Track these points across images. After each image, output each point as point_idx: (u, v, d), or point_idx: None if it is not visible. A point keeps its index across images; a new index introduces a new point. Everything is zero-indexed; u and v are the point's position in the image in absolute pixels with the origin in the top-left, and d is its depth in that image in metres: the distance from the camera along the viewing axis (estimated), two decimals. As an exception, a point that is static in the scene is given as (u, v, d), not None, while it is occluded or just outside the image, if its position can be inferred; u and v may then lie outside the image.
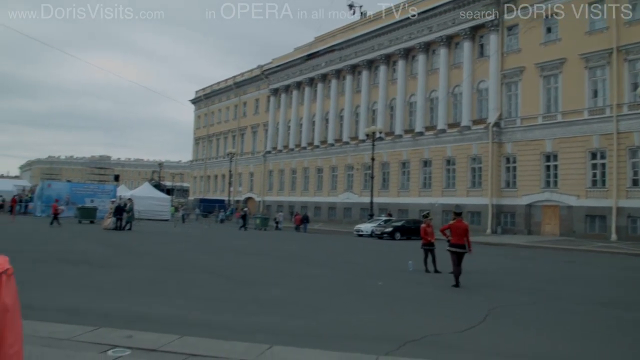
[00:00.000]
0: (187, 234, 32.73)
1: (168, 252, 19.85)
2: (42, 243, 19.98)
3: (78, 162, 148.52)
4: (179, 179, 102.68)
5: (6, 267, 1.69)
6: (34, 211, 46.05)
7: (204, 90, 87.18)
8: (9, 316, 1.69)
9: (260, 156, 70.54)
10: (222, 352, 5.83)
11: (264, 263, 17.84)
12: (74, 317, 7.40)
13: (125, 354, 5.60)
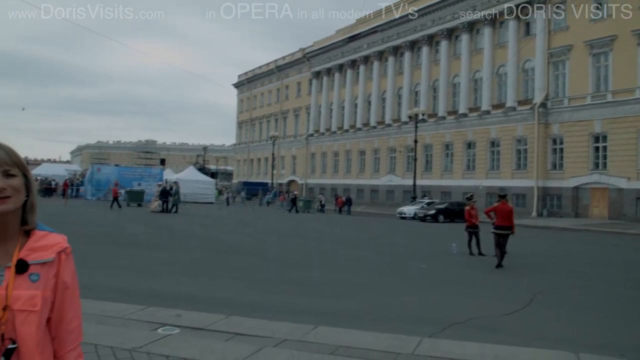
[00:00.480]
0: (231, 216, 33.22)
1: (213, 234, 20.23)
2: (93, 225, 20.61)
3: (125, 146, 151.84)
4: (222, 163, 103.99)
5: (65, 245, 1.80)
6: (85, 194, 47.44)
7: (246, 74, 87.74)
8: (69, 293, 1.81)
9: (302, 139, 70.78)
10: (268, 332, 5.97)
11: (308, 245, 18.02)
12: (124, 297, 7.68)
13: (174, 332, 5.79)
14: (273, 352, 5.27)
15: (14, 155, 1.71)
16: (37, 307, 1.68)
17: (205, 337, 5.72)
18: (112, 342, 5.20)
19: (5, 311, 1.62)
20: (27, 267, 1.68)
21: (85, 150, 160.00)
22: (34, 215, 1.76)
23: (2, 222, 1.69)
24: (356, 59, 61.07)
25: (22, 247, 1.71)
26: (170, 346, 5.29)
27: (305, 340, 5.74)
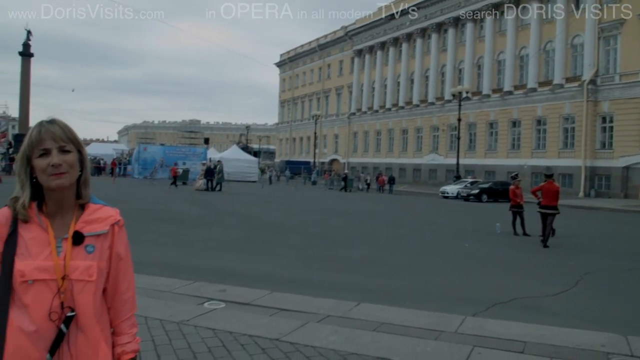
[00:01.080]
0: (274, 195, 33.50)
1: (256, 212, 20.46)
2: (140, 202, 21.07)
3: (170, 126, 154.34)
4: (265, 142, 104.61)
5: (118, 218, 1.87)
6: (132, 173, 48.54)
7: (288, 53, 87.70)
8: (122, 264, 1.88)
9: (344, 118, 70.58)
10: (311, 308, 6.05)
11: (350, 223, 18.05)
12: (171, 271, 7.88)
13: (220, 307, 5.92)
14: (317, 327, 5.34)
15: (69, 132, 1.77)
16: (93, 277, 1.75)
17: (250, 312, 5.84)
18: (161, 315, 5.36)
19: (64, 280, 1.70)
20: (82, 239, 1.75)
21: (131, 130, 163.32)
22: (87, 189, 1.82)
23: (59, 196, 1.75)
24: (399, 36, 60.26)
25: (77, 220, 1.78)
26: (216, 320, 5.42)
27: (348, 316, 5.79)
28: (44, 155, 1.71)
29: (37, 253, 1.70)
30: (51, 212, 1.77)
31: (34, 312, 1.68)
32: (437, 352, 4.72)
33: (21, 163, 1.76)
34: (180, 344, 4.74)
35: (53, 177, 1.70)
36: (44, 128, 1.74)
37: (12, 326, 1.68)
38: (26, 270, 1.68)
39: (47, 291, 1.69)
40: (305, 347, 4.74)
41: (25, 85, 51.98)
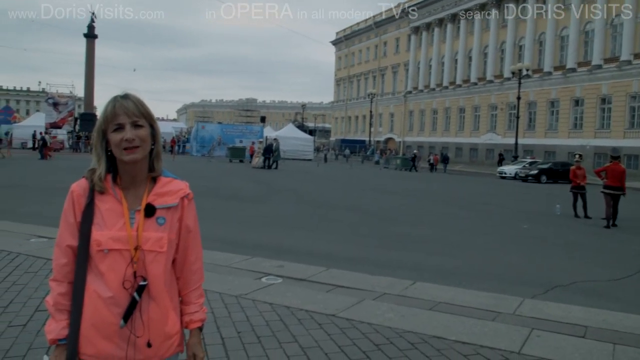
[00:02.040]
0: (329, 173, 33.61)
1: (312, 189, 20.59)
2: (199, 179, 21.50)
3: (227, 105, 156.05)
4: (320, 120, 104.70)
5: (187, 191, 1.93)
6: (191, 151, 49.61)
7: (344, 31, 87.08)
8: (191, 236, 1.94)
9: (400, 96, 69.80)
10: (367, 285, 6.08)
11: (405, 202, 17.96)
12: (229, 246, 8.04)
13: (277, 282, 6.03)
14: (373, 304, 5.36)
15: (141, 107, 1.82)
16: (164, 248, 1.81)
17: (307, 288, 5.91)
18: (220, 289, 5.49)
19: (136, 251, 1.77)
20: (154, 211, 1.81)
21: (190, 109, 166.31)
22: (159, 163, 1.88)
23: (132, 170, 1.82)
24: (457, 12, 58.83)
25: (149, 193, 1.84)
26: (274, 295, 5.52)
27: (405, 294, 5.79)
28: (118, 130, 1.77)
29: (112, 224, 1.78)
30: (125, 185, 1.83)
31: (109, 280, 1.75)
32: (494, 333, 4.67)
33: (97, 137, 1.82)
34: (238, 316, 4.86)
35: (126, 152, 1.76)
36: (118, 103, 1.79)
37: (90, 291, 1.77)
38: (102, 239, 1.76)
39: (121, 260, 1.76)
40: (361, 323, 4.78)
41: (89, 65, 53.62)
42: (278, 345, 4.23)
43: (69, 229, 1.83)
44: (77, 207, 1.82)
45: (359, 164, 52.03)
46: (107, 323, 1.75)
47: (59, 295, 1.81)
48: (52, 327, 1.80)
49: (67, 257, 1.82)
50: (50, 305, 1.82)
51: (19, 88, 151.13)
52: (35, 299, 5.18)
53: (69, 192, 1.84)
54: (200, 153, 46.87)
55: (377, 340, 4.40)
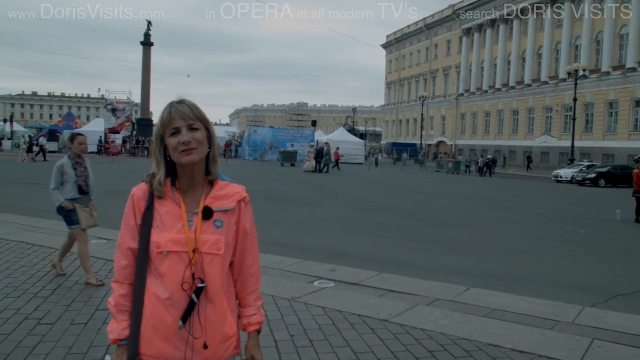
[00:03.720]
0: (380, 176, 33.46)
1: (363, 193, 20.54)
2: (251, 182, 21.72)
3: (279, 109, 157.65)
4: (371, 124, 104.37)
5: (244, 195, 1.94)
6: (243, 155, 50.31)
7: (395, 34, 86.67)
8: (249, 239, 1.96)
9: (452, 99, 68.91)
10: (420, 290, 6.01)
11: (455, 206, 17.70)
12: (282, 249, 8.10)
13: (330, 286, 6.02)
14: (426, 310, 5.29)
15: (197, 111, 1.85)
16: (221, 251, 1.83)
17: (359, 292, 5.89)
18: (273, 292, 5.53)
19: (195, 253, 1.79)
20: (212, 214, 1.84)
21: (242, 114, 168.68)
22: (216, 166, 1.90)
23: (190, 173, 1.84)
24: (510, 13, 57.63)
25: (207, 196, 1.86)
26: (326, 299, 5.52)
27: (458, 301, 5.69)
28: (175, 134, 1.80)
29: (171, 226, 1.81)
30: (183, 188, 1.86)
31: (168, 282, 1.78)
32: (553, 342, 4.53)
33: (156, 142, 1.86)
34: (291, 320, 4.88)
35: (184, 154, 1.79)
36: (174, 108, 1.83)
37: (150, 293, 1.81)
38: (161, 242, 1.79)
39: (180, 263, 1.79)
40: (414, 329, 4.72)
41: (146, 72, 55.09)
42: (331, 350, 4.22)
43: (129, 232, 1.87)
44: (138, 211, 1.86)
45: (410, 168, 51.56)
46: (166, 324, 1.78)
47: (120, 296, 1.85)
48: (114, 328, 1.84)
49: (128, 259, 1.86)
50: (112, 306, 1.86)
51: (80, 95, 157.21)
52: (95, 299, 5.34)
53: (130, 196, 1.89)
54: (252, 157, 47.48)
55: (430, 347, 4.34)
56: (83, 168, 6.14)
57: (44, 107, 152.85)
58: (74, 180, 6.04)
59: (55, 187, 6.05)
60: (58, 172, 6.03)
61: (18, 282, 5.88)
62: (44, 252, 7.36)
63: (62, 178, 6.03)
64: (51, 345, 4.18)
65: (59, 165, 6.05)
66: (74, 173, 6.05)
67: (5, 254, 7.23)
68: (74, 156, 6.14)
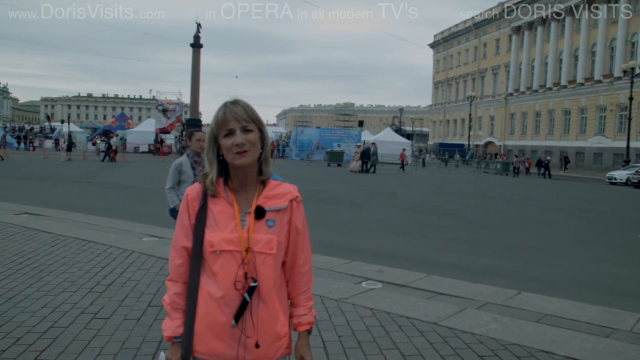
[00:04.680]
0: (427, 177, 33.15)
1: (409, 194, 20.39)
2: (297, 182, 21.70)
3: (325, 109, 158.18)
4: (418, 124, 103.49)
5: (296, 194, 1.95)
6: (290, 155, 50.66)
7: (442, 33, 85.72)
8: (300, 238, 1.96)
9: (501, 99, 67.66)
10: (468, 293, 5.90)
11: (502, 207, 17.36)
12: (328, 250, 8.07)
13: (377, 287, 5.98)
14: (476, 314, 5.20)
15: (250, 112, 1.86)
16: (273, 250, 1.83)
17: (407, 294, 5.83)
18: (321, 292, 5.53)
19: (247, 252, 1.80)
20: (264, 214, 1.85)
21: (289, 114, 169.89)
22: (268, 166, 1.92)
23: (243, 173, 1.86)
24: (561, 10, 56.13)
25: (259, 195, 1.88)
26: (374, 300, 5.49)
27: (509, 305, 5.56)
28: (228, 135, 1.82)
29: (224, 226, 1.83)
30: (236, 188, 1.88)
31: (221, 280, 1.80)
32: (610, 351, 4.37)
33: (209, 142, 1.88)
34: (339, 320, 4.87)
35: (237, 156, 1.81)
36: (228, 109, 1.84)
37: (203, 291, 1.84)
38: (215, 241, 1.81)
39: (233, 262, 1.80)
40: (463, 333, 4.65)
41: (195, 73, 56.04)
42: (379, 352, 4.19)
43: (183, 231, 1.90)
44: (192, 210, 1.88)
45: (458, 168, 50.88)
46: (218, 323, 1.80)
47: (175, 294, 1.88)
48: (168, 325, 1.87)
49: (182, 258, 1.89)
50: (166, 304, 1.89)
51: (132, 96, 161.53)
52: (147, 295, 5.45)
53: (184, 195, 1.92)
54: (299, 157, 47.77)
55: (480, 352, 4.26)
56: (202, 167, 5.52)
57: (98, 108, 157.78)
58: (191, 180, 5.54)
59: (171, 187, 5.71)
60: (175, 170, 5.69)
61: (74, 277, 6.06)
62: (98, 248, 7.56)
63: (179, 177, 5.67)
64: (105, 339, 4.29)
65: (176, 164, 5.70)
66: (192, 172, 5.64)
67: (62, 249, 7.47)
68: (192, 154, 5.73)
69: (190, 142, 5.76)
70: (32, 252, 7.25)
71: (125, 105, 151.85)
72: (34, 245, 7.72)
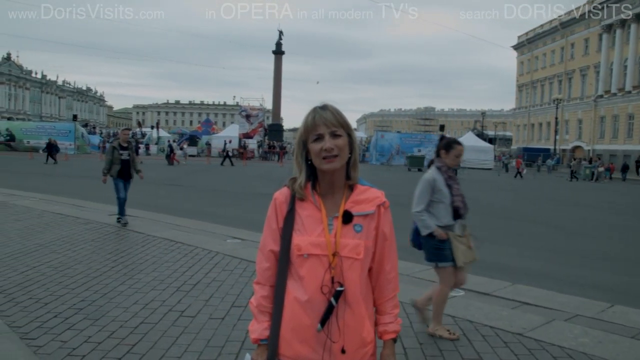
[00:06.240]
0: (511, 182, 32.19)
1: (492, 200, 19.84)
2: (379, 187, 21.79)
3: (405, 114, 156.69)
4: (501, 128, 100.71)
5: (384, 199, 1.94)
6: (370, 159, 50.62)
7: (526, 34, 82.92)
8: (387, 244, 1.94)
9: (590, 101, 64.61)
10: (556, 304, 5.67)
11: (592, 215, 16.59)
12: (408, 255, 7.90)
13: (460, 294, 5.85)
14: (564, 326, 4.98)
15: (339, 117, 1.87)
16: (360, 255, 1.83)
17: (491, 303, 5.68)
18: (402, 298, 5.34)
19: (334, 257, 1.81)
20: (351, 218, 1.85)
21: (369, 119, 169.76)
22: (356, 171, 1.92)
23: (331, 178, 1.87)
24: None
25: (347, 200, 1.88)
26: (456, 307, 5.38)
27: (600, 318, 5.29)
28: (317, 140, 1.83)
29: (311, 229, 1.84)
30: (324, 192, 1.89)
31: (307, 284, 1.82)
32: None
33: (298, 147, 1.90)
34: (420, 327, 4.85)
35: (325, 161, 1.82)
36: (317, 114, 1.86)
37: (289, 295, 1.86)
38: (302, 244, 1.83)
39: (320, 266, 1.81)
40: (551, 346, 4.47)
41: (277, 80, 57.20)
42: (461, 361, 4.11)
43: (271, 235, 1.93)
44: (280, 214, 1.91)
45: (543, 174, 49.03)
46: (304, 326, 1.82)
47: (262, 297, 1.92)
48: (255, 328, 1.90)
49: (270, 261, 1.92)
50: (253, 306, 1.93)
51: (217, 102, 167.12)
52: (231, 295, 5.60)
53: (272, 199, 1.95)
54: (379, 161, 47.66)
55: (570, 365, 4.09)
56: (457, 185, 4.86)
57: (185, 114, 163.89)
58: (448, 200, 4.74)
59: (424, 209, 4.79)
60: (428, 188, 4.75)
61: (163, 275, 6.33)
62: (185, 248, 7.84)
63: (431, 197, 4.75)
64: (192, 336, 4.45)
65: (429, 180, 4.75)
66: (448, 191, 4.75)
67: (152, 249, 7.81)
68: (445, 169, 4.82)
69: (447, 155, 4.84)
70: (125, 251, 7.63)
71: (211, 111, 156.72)
72: (127, 245, 8.12)
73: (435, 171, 4.79)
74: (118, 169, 10.01)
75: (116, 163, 10.02)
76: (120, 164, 10.04)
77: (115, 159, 10.03)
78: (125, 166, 10.09)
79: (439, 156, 4.89)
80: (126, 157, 10.14)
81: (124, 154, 10.14)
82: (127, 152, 10.23)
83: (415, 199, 4.80)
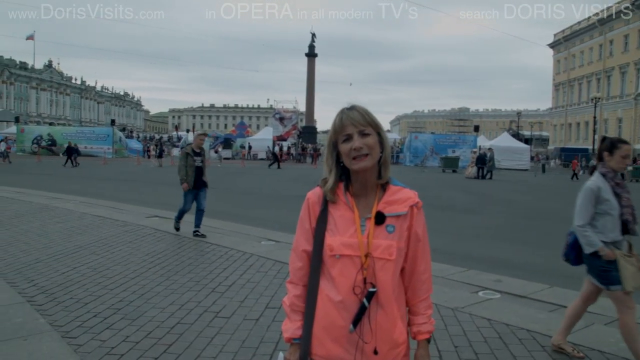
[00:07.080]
0: (547, 183, 31.59)
1: (527, 200, 19.52)
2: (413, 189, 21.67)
3: (439, 114, 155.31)
4: (537, 128, 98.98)
5: (416, 200, 1.92)
6: (404, 161, 50.32)
7: (563, 32, 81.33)
8: (420, 245, 1.93)
9: (630, 99, 63.02)
10: (595, 308, 5.45)
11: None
12: (443, 257, 7.91)
13: (495, 297, 5.78)
14: (604, 330, 4.88)
15: (367, 116, 1.87)
16: (392, 256, 1.83)
17: (527, 306, 5.58)
18: (436, 300, 5.42)
19: (367, 258, 1.81)
20: (384, 219, 1.85)
21: (403, 120, 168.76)
22: (387, 171, 1.91)
23: (362, 178, 1.87)
24: None
25: (379, 201, 1.88)
26: (492, 310, 5.32)
27: (641, 321, 5.17)
28: (347, 140, 1.84)
29: (344, 230, 1.85)
30: (356, 193, 1.90)
31: (340, 285, 1.82)
32: None
33: (328, 149, 1.91)
34: (455, 330, 4.77)
35: (355, 160, 1.82)
36: (345, 115, 1.87)
37: (322, 294, 1.87)
38: (334, 245, 1.84)
39: (352, 266, 1.82)
40: (590, 350, 4.38)
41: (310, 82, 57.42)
42: (498, 364, 4.05)
43: (304, 235, 1.94)
44: (313, 214, 1.92)
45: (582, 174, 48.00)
46: (336, 326, 1.82)
47: (295, 297, 1.93)
48: (288, 327, 1.92)
49: (302, 261, 1.94)
50: (286, 305, 1.95)
51: (251, 105, 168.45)
52: (265, 297, 5.64)
53: (305, 200, 1.96)
54: (413, 163, 47.34)
55: (610, 371, 4.00)
56: (627, 194, 4.07)
57: (220, 118, 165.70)
58: (617, 212, 3.97)
59: (588, 223, 4.05)
60: (592, 198, 4.03)
61: (198, 277, 6.41)
62: (219, 250, 7.93)
63: (595, 208, 4.02)
64: (227, 337, 4.50)
65: (593, 189, 4.03)
66: (617, 202, 3.98)
67: (187, 251, 7.92)
68: (612, 175, 4.07)
69: (611, 158, 4.09)
70: (161, 253, 7.75)
71: (245, 115, 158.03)
72: (163, 246, 8.25)
73: (599, 178, 4.06)
74: (192, 178, 9.27)
75: (189, 170, 9.28)
76: (193, 171, 9.27)
77: (189, 166, 9.27)
78: (198, 174, 9.35)
79: (602, 160, 4.15)
80: (199, 164, 9.38)
81: (197, 160, 9.37)
82: (200, 158, 9.50)
83: (577, 212, 4.12)
